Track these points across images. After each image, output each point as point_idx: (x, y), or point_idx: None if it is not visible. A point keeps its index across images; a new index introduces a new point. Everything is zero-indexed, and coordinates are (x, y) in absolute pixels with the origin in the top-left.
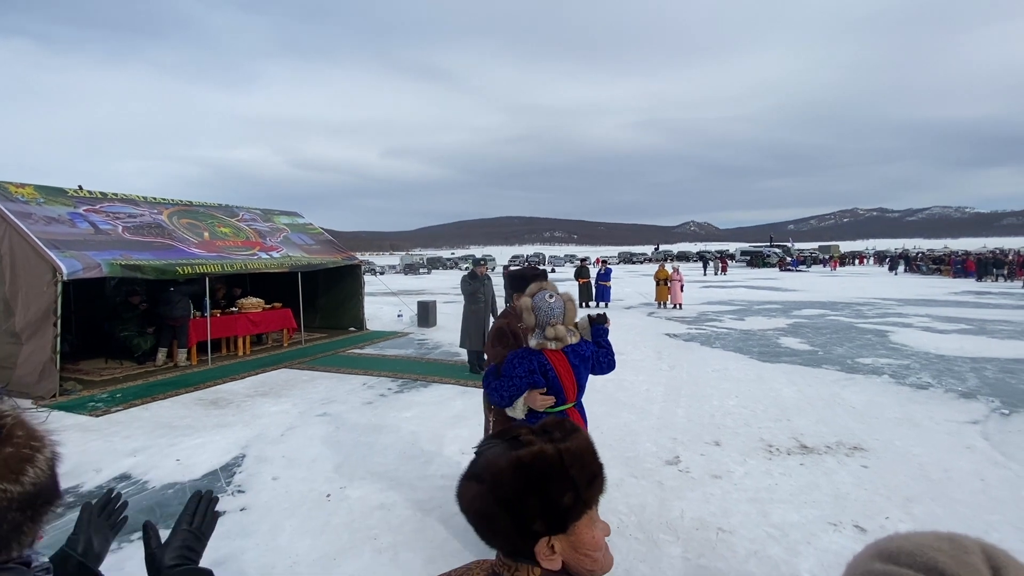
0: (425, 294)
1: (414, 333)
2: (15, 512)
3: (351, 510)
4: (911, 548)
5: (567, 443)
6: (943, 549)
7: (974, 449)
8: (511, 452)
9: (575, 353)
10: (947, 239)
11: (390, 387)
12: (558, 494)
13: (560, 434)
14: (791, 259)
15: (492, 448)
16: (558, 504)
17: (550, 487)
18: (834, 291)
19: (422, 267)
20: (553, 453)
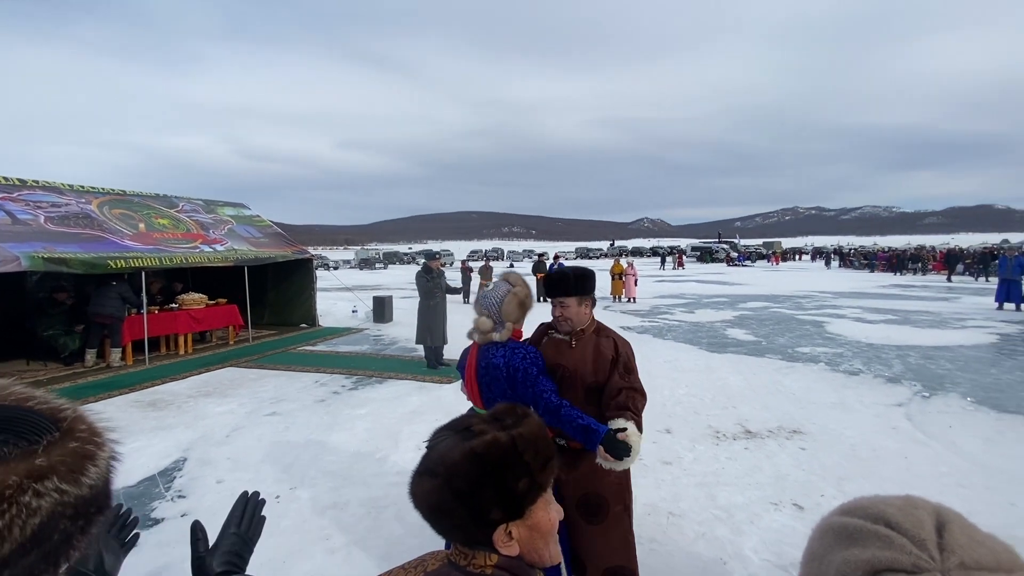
0: (381, 289)
1: (369, 329)
2: (67, 520)
3: (302, 511)
4: (867, 504)
5: (520, 428)
6: (894, 503)
7: (899, 429)
8: (464, 444)
9: (485, 355)
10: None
11: (344, 384)
12: (514, 481)
13: (512, 420)
14: (738, 255)
15: (443, 441)
16: (514, 490)
17: (506, 475)
18: (776, 285)
19: (378, 262)
20: (507, 441)
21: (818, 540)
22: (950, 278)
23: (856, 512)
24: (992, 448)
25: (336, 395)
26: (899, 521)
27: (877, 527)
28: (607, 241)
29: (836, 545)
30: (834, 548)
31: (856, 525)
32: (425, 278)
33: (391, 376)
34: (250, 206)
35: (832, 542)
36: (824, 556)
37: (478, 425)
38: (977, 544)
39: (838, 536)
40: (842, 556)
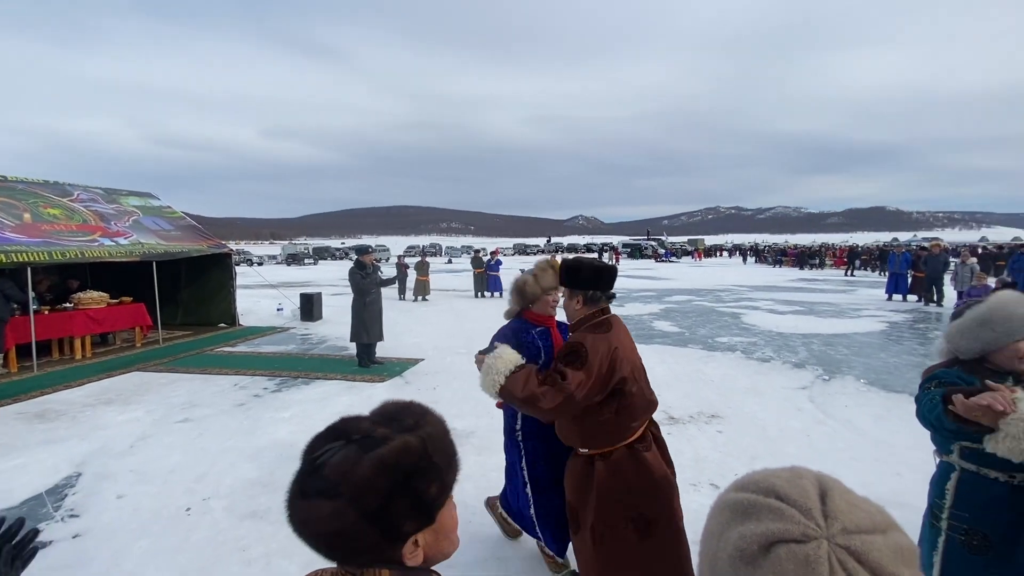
0: (310, 286)
1: (296, 328)
2: None
3: (216, 523)
4: (758, 478)
5: (427, 429)
6: (781, 475)
7: (803, 410)
8: (370, 454)
9: None
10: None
11: (266, 386)
12: (426, 487)
13: (412, 420)
14: (664, 251)
15: (336, 453)
16: (427, 497)
17: (419, 482)
18: (699, 280)
19: (307, 257)
20: (418, 445)
21: (715, 517)
22: (851, 273)
23: (748, 487)
24: (881, 424)
25: (257, 398)
26: (787, 492)
27: (768, 500)
28: (544, 238)
29: (732, 521)
30: (731, 524)
31: (750, 500)
32: (359, 274)
33: (319, 376)
34: (160, 196)
35: (728, 518)
36: (722, 533)
37: (379, 430)
38: (855, 508)
39: (734, 512)
40: (739, 531)
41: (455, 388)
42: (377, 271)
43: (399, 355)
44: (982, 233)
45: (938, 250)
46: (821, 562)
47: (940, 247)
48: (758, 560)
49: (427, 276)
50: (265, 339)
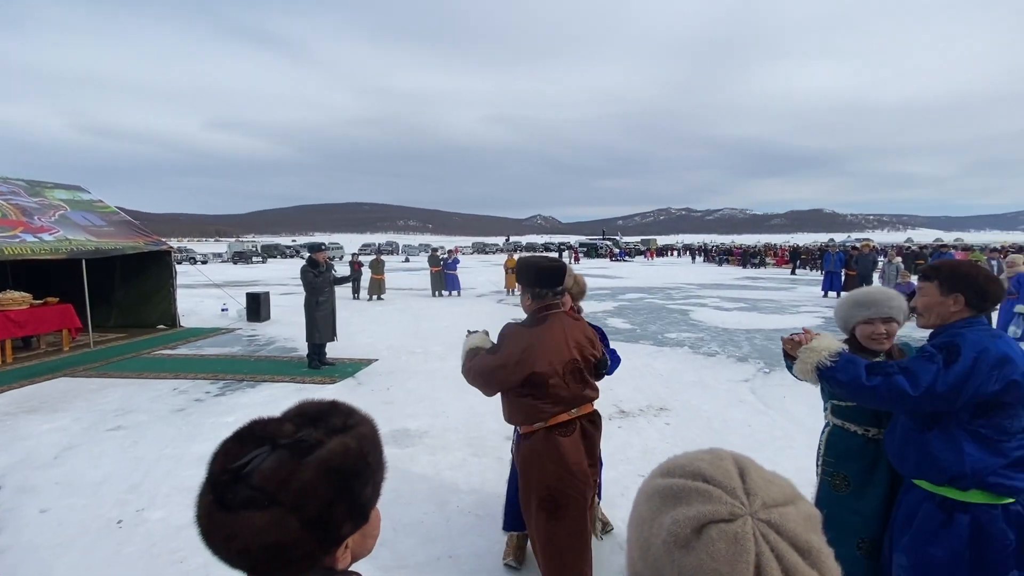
0: (258, 285)
1: (242, 329)
2: None
3: (150, 534)
4: (682, 462)
5: (360, 428)
6: (704, 459)
7: (745, 402)
8: (308, 458)
9: None
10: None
11: (208, 390)
12: (362, 488)
13: (341, 420)
14: (619, 251)
15: (265, 459)
16: (363, 499)
17: (356, 482)
18: (651, 278)
19: (256, 255)
20: (356, 446)
21: (645, 504)
22: (795, 271)
23: (675, 472)
24: (815, 413)
25: (199, 403)
26: (712, 474)
27: (696, 483)
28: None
29: (664, 507)
30: (662, 510)
31: (678, 485)
32: (311, 273)
33: (266, 379)
34: (90, 190)
35: (659, 504)
36: (654, 519)
37: (311, 433)
38: (770, 484)
39: (664, 498)
40: (671, 516)
41: (409, 388)
42: (330, 269)
43: (352, 355)
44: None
45: (868, 250)
46: (748, 538)
47: (870, 247)
48: (691, 543)
49: (382, 275)
50: (208, 341)
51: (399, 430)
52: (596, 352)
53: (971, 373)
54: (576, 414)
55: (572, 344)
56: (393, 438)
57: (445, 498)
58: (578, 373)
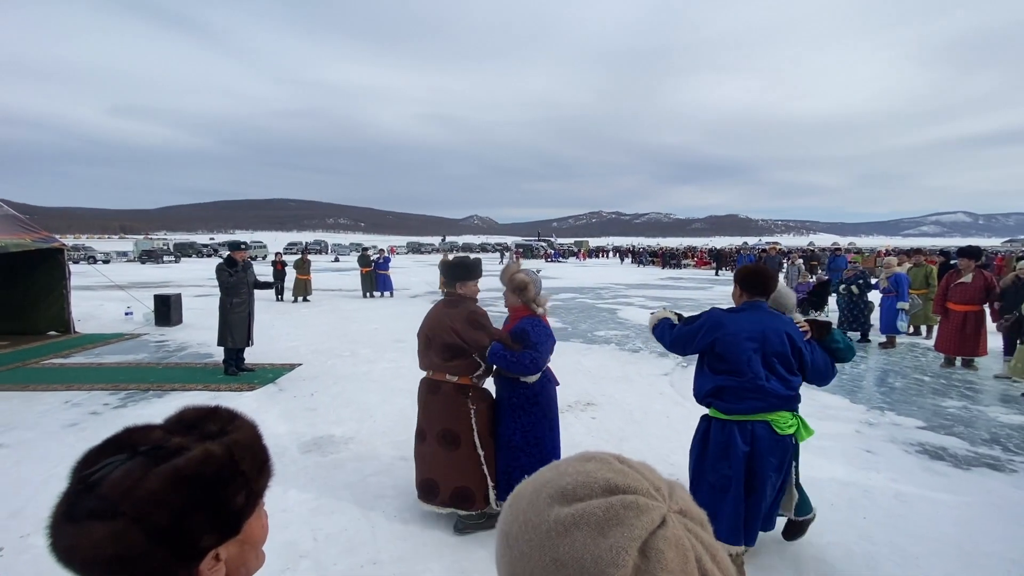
0: (170, 286)
1: (149, 334)
2: None
3: (36, 562)
4: (580, 480)
5: (234, 435)
6: (595, 468)
7: (664, 394)
8: (161, 467)
9: None
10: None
11: (107, 402)
12: (232, 497)
13: (217, 426)
14: (554, 252)
15: (116, 468)
16: (231, 508)
17: (222, 492)
18: (583, 278)
19: (167, 254)
20: (222, 452)
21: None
22: (718, 272)
23: (579, 494)
24: None
25: (95, 416)
26: (624, 481)
27: (619, 498)
28: (439, 237)
29: (592, 538)
30: (589, 543)
31: (600, 507)
32: (227, 272)
33: (176, 388)
34: None
35: (585, 538)
36: (581, 558)
37: (175, 440)
38: (649, 469)
39: (589, 528)
40: (608, 545)
41: (334, 393)
42: (248, 269)
43: (273, 360)
44: (810, 239)
45: (774, 252)
46: (684, 539)
47: (776, 249)
48: (641, 567)
49: (308, 275)
50: (109, 348)
51: (323, 437)
52: (447, 337)
53: (695, 332)
54: (427, 376)
55: (429, 323)
56: (316, 445)
57: (371, 505)
58: (426, 345)
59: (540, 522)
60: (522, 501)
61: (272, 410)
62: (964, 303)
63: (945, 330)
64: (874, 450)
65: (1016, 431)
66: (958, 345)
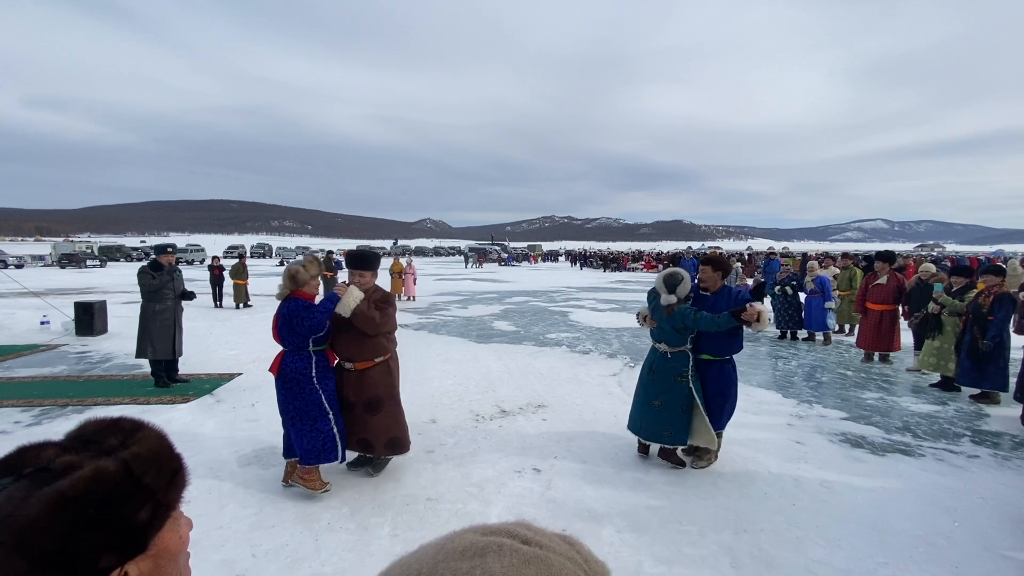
0: (93, 293)
1: (69, 345)
2: None
3: None
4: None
5: (135, 448)
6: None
7: (612, 394)
8: (44, 490)
9: None
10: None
11: (18, 420)
12: (132, 513)
13: (118, 439)
14: (508, 255)
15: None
16: (133, 524)
17: (119, 511)
18: (536, 282)
19: (91, 258)
20: (116, 468)
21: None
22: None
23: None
24: None
25: (4, 435)
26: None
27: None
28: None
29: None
30: None
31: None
32: (150, 275)
33: (99, 402)
34: None
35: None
36: None
37: (64, 458)
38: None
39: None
40: None
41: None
42: (176, 274)
43: (210, 371)
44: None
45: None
46: None
47: (719, 254)
48: None
49: (245, 280)
50: (21, 360)
51: (265, 448)
52: None
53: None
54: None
55: None
56: (257, 458)
57: (315, 515)
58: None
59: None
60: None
61: (208, 423)
62: (880, 303)
63: (865, 328)
64: (803, 441)
65: (924, 419)
66: (876, 341)
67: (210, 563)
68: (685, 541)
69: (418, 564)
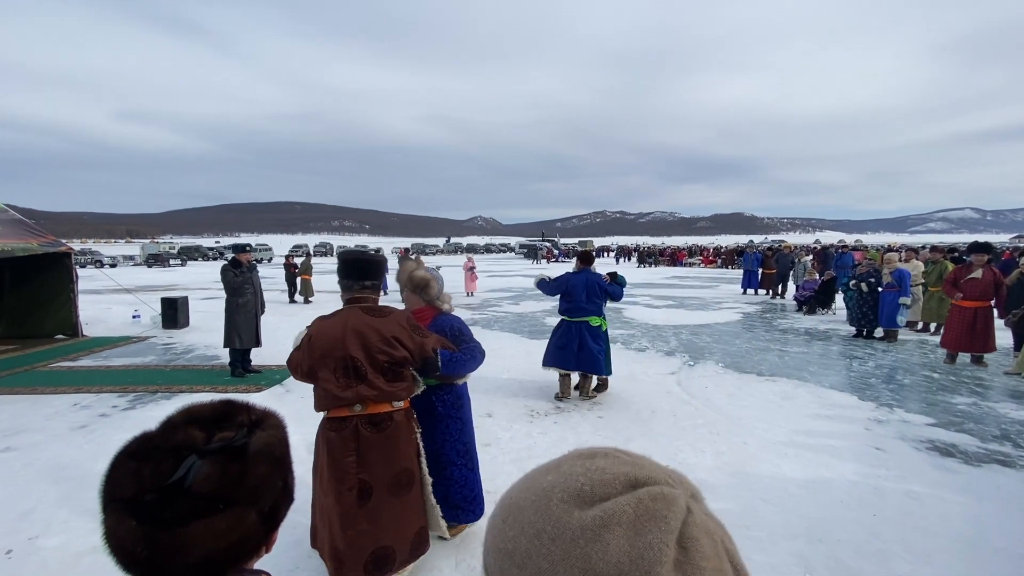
0: (176, 289)
1: (157, 337)
2: None
3: (45, 563)
4: (595, 477)
5: (270, 419)
6: (616, 462)
7: (671, 393)
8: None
9: None
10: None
11: (115, 404)
12: (290, 471)
13: (247, 416)
14: (559, 252)
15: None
16: (291, 482)
17: (287, 469)
18: None
19: (173, 258)
20: (277, 433)
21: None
22: (727, 266)
23: (597, 494)
24: (734, 401)
25: (104, 418)
26: (644, 473)
27: (646, 491)
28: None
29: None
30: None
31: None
32: (232, 272)
33: (183, 390)
34: None
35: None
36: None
37: (234, 432)
38: (694, 485)
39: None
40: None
41: None
42: (254, 270)
43: (280, 362)
44: (816, 236)
45: (788, 250)
46: (708, 523)
47: (790, 248)
48: (681, 560)
49: (309, 275)
50: (116, 351)
51: None
52: (394, 351)
53: (558, 282)
54: (357, 412)
55: (353, 340)
56: None
57: None
58: (354, 371)
59: (560, 531)
60: (524, 512)
61: (280, 412)
62: (974, 299)
63: (955, 326)
64: (884, 447)
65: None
66: (968, 341)
67: (284, 543)
68: (754, 547)
69: (544, 466)
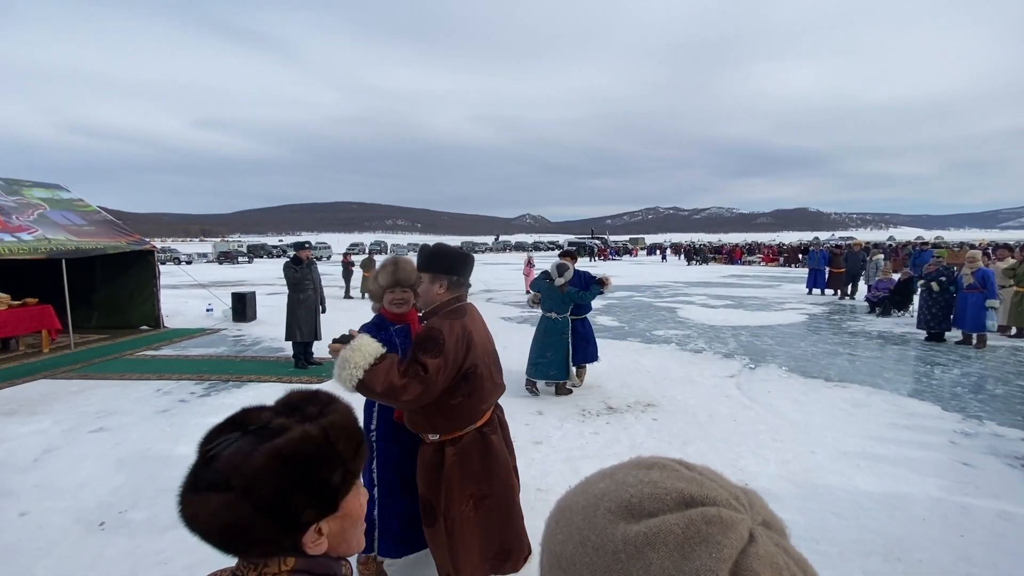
0: (244, 285)
1: (227, 329)
2: None
3: (134, 536)
4: (646, 491)
5: (330, 417)
6: (672, 475)
7: (731, 397)
8: (265, 445)
9: None
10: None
11: (193, 391)
12: (328, 475)
13: (316, 408)
14: (611, 249)
15: (230, 445)
16: (329, 485)
17: (320, 471)
18: (640, 276)
19: (242, 255)
20: (319, 434)
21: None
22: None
23: (646, 508)
24: (799, 407)
25: (183, 403)
26: (700, 492)
27: (699, 511)
28: (492, 236)
29: (673, 562)
30: (670, 567)
31: (678, 524)
32: (293, 269)
33: (252, 379)
34: (71, 188)
35: (664, 561)
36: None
37: (277, 420)
38: (720, 476)
39: (668, 549)
40: (692, 568)
41: None
42: (313, 266)
43: None
44: (890, 232)
45: (859, 248)
46: (776, 556)
47: (860, 245)
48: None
49: (372, 272)
50: (193, 341)
51: None
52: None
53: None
54: (493, 408)
55: (489, 335)
56: None
57: None
58: (496, 362)
59: (604, 542)
60: (574, 517)
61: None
62: None
63: None
64: (972, 463)
65: None
66: None
67: None
68: (823, 562)
69: (601, 471)
